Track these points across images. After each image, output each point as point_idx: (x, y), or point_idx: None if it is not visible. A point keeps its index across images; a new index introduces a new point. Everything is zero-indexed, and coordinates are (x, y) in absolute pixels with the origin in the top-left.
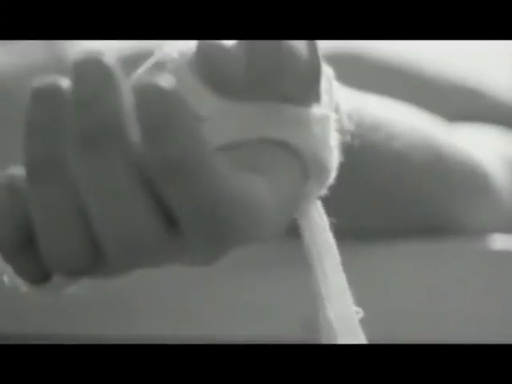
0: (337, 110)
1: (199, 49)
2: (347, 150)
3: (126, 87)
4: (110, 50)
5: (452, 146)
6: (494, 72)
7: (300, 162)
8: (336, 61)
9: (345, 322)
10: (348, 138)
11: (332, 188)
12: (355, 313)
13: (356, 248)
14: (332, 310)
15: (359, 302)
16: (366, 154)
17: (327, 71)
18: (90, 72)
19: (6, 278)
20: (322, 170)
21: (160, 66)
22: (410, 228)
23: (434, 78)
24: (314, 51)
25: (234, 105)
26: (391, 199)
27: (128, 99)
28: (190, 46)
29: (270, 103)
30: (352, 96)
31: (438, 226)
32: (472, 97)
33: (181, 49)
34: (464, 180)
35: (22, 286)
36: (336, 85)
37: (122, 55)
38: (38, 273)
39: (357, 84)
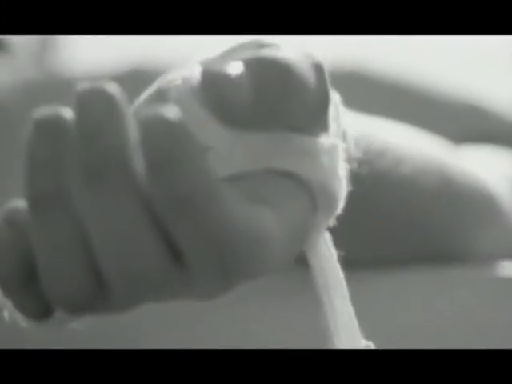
0: (343, 136)
1: (205, 78)
2: (354, 178)
3: (131, 118)
4: (104, 68)
5: (460, 169)
6: (493, 81)
7: (308, 193)
8: (334, 78)
9: None
10: (355, 166)
11: (339, 217)
12: (364, 346)
13: (363, 277)
14: (341, 343)
15: (368, 335)
16: (373, 182)
17: (334, 96)
18: (94, 103)
19: (5, 314)
20: (331, 200)
21: (163, 94)
22: (417, 255)
23: (436, 96)
24: (321, 78)
25: (240, 135)
26: (398, 227)
27: (133, 131)
28: (193, 72)
29: (277, 133)
30: (357, 120)
31: (445, 252)
32: (475, 116)
33: (184, 76)
34: (472, 205)
35: (23, 321)
36: (342, 110)
37: (117, 73)
38: (39, 308)
39: (356, 103)
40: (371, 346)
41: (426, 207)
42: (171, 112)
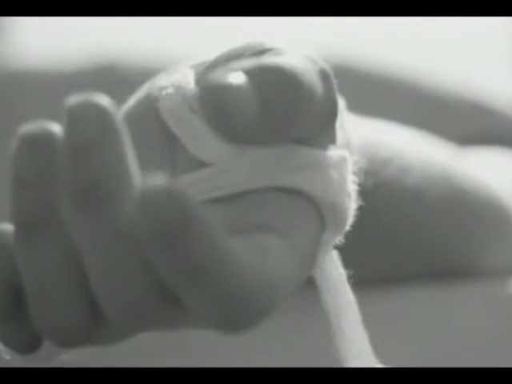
0: (348, 145)
1: (203, 89)
2: (360, 190)
3: (125, 135)
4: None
5: (467, 177)
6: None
7: (316, 210)
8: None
9: None
10: (360, 178)
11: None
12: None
13: (368, 297)
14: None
15: (380, 356)
16: (378, 194)
17: (340, 103)
18: (86, 118)
19: None
20: (340, 217)
21: (152, 100)
22: (424, 272)
23: (433, 93)
24: (329, 86)
25: (243, 150)
26: (404, 243)
27: (129, 147)
28: (186, 79)
29: (283, 147)
30: (360, 125)
31: (454, 268)
32: (477, 114)
33: (176, 83)
34: (482, 216)
35: (7, 353)
36: (346, 115)
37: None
38: (26, 340)
39: (354, 102)
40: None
41: (432, 221)
42: (175, 185)
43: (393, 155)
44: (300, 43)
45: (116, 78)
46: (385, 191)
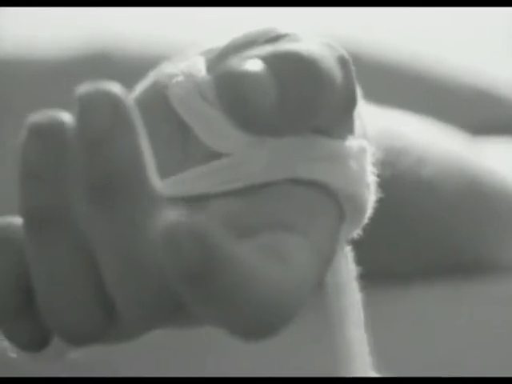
0: (365, 135)
1: (221, 77)
2: (377, 182)
3: (140, 124)
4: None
5: (484, 169)
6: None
7: (335, 203)
8: None
9: None
10: (378, 169)
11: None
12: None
13: (377, 294)
14: (349, 374)
15: (381, 359)
16: (394, 186)
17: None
18: (99, 106)
19: None
20: (359, 210)
21: (160, 88)
22: (438, 265)
23: (441, 81)
24: (348, 73)
25: (260, 140)
26: (419, 235)
27: (144, 137)
28: (196, 66)
29: (302, 137)
30: (374, 114)
31: (470, 263)
32: (488, 103)
33: (185, 70)
34: (498, 209)
35: (13, 351)
36: (362, 104)
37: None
38: (33, 338)
39: (362, 91)
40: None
41: (448, 213)
42: (198, 220)
43: (408, 145)
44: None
45: (110, 65)
46: (401, 183)
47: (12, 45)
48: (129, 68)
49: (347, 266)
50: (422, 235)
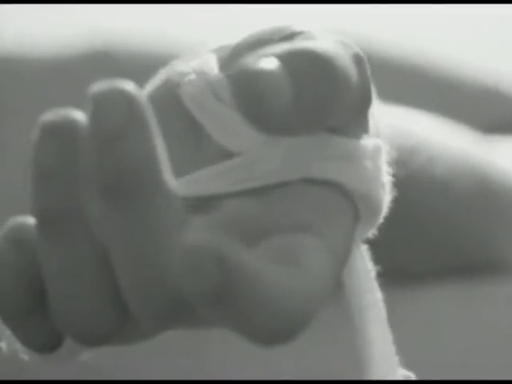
0: (378, 134)
1: (236, 76)
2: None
3: (154, 123)
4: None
5: (496, 168)
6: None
7: (350, 203)
8: None
9: None
10: (392, 168)
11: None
12: (404, 377)
13: (390, 294)
14: (375, 375)
15: (406, 361)
16: (407, 185)
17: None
18: (113, 105)
19: (3, 345)
20: (374, 210)
21: (172, 87)
22: (450, 265)
23: (451, 79)
24: (363, 71)
25: (275, 139)
26: (431, 235)
27: (158, 136)
28: (208, 64)
29: (317, 136)
30: (387, 113)
31: (483, 263)
32: (498, 102)
33: (197, 68)
34: (508, 209)
35: (25, 353)
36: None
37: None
38: (45, 339)
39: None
40: (411, 376)
41: (459, 213)
42: (218, 240)
43: (420, 144)
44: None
45: (111, 63)
46: (413, 182)
47: (12, 43)
48: (130, 65)
49: (364, 265)
50: (435, 235)
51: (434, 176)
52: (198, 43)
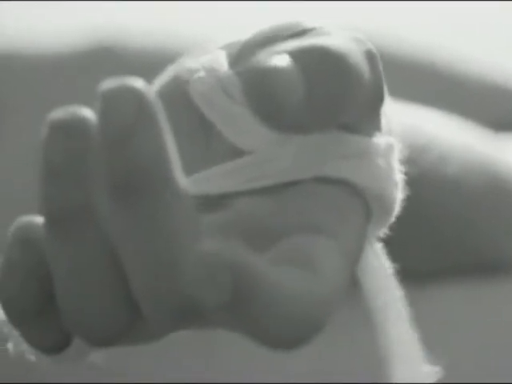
0: (390, 131)
1: (248, 73)
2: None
3: (164, 121)
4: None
5: (506, 166)
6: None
7: (363, 202)
8: None
9: None
10: (404, 166)
11: None
12: (430, 374)
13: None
14: (398, 374)
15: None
16: (418, 184)
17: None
18: (122, 103)
19: (10, 345)
20: (387, 209)
21: (181, 84)
22: (463, 265)
23: (459, 75)
24: (376, 68)
25: (286, 137)
26: (443, 235)
27: (169, 134)
28: (217, 61)
29: (329, 134)
30: (397, 110)
31: (493, 260)
32: (507, 99)
33: (206, 65)
34: None
35: (32, 354)
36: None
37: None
38: (54, 340)
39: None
40: (439, 372)
41: (471, 211)
42: (235, 251)
43: (431, 142)
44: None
45: (112, 59)
46: (425, 180)
47: (12, 39)
48: (131, 62)
49: (380, 263)
50: (446, 234)
51: (446, 174)
52: (201, 39)
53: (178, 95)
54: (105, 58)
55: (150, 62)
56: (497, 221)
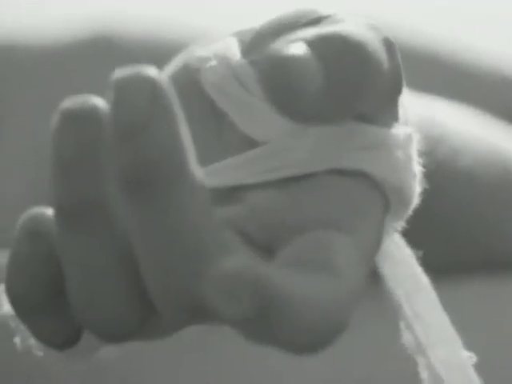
0: (406, 122)
1: (265, 62)
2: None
3: (179, 110)
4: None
5: None
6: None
7: (381, 194)
8: None
9: (456, 371)
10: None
11: None
12: (467, 358)
13: None
14: (438, 359)
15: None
16: (431, 176)
17: None
18: (136, 92)
19: (17, 340)
20: (405, 201)
21: (191, 72)
22: (472, 261)
23: (468, 66)
24: (394, 57)
25: (303, 128)
26: (457, 229)
27: (184, 125)
28: (229, 49)
29: (346, 125)
30: (412, 100)
31: (503, 258)
32: None
33: (218, 53)
34: None
35: (40, 349)
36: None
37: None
38: (63, 334)
39: None
40: (473, 357)
41: (485, 205)
42: (258, 267)
43: (445, 134)
44: None
45: (114, 49)
46: (438, 173)
47: (11, 30)
48: (131, 51)
49: (400, 252)
50: (458, 228)
51: (459, 167)
52: (200, 28)
53: (189, 84)
54: (104, 48)
55: (149, 52)
56: (509, 214)
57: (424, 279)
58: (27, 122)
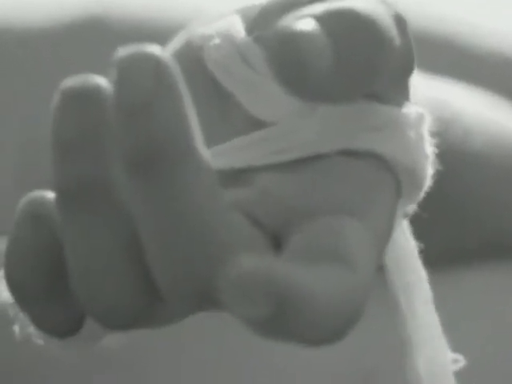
0: (416, 103)
1: (273, 39)
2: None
3: (185, 90)
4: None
5: None
6: None
7: (392, 176)
8: None
9: (437, 374)
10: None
11: None
12: (452, 361)
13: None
14: (423, 357)
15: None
16: (442, 158)
17: None
18: (139, 71)
19: (17, 328)
20: (417, 184)
21: (194, 51)
22: (487, 245)
23: (480, 50)
24: (405, 33)
25: (312, 107)
26: (467, 213)
27: (190, 104)
28: (233, 26)
29: (356, 104)
30: (422, 82)
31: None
32: None
33: (221, 31)
34: None
35: (40, 338)
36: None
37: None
38: (65, 323)
39: None
40: (459, 359)
41: (493, 188)
42: (273, 266)
43: (456, 115)
44: None
45: (107, 30)
46: (448, 155)
47: (1, 10)
48: (124, 33)
49: (406, 241)
50: (468, 212)
51: (470, 149)
52: (198, 10)
53: (191, 62)
54: (98, 29)
55: (143, 33)
56: None
57: (423, 274)
58: (16, 104)
